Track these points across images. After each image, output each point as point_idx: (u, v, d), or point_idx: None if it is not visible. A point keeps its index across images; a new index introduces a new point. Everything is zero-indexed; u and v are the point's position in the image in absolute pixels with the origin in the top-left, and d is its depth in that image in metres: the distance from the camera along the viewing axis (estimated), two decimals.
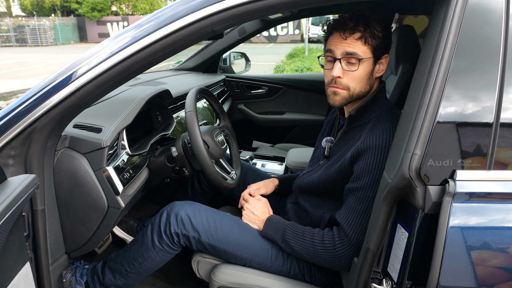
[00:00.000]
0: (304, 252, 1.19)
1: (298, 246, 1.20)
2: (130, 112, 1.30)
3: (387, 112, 1.16)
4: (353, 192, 1.13)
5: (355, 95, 1.17)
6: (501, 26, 0.81)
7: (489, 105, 0.80)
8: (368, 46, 1.11)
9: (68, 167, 1.13)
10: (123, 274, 1.36)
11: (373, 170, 1.08)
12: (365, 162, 1.10)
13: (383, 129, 1.11)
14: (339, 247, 1.12)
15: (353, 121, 1.23)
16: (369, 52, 1.12)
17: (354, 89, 1.15)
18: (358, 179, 1.11)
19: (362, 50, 1.11)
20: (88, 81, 0.97)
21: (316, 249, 1.16)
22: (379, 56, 1.14)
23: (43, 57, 17.09)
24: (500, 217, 0.79)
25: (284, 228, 1.25)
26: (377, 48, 1.12)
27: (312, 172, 1.36)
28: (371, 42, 1.11)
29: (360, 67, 1.12)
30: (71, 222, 1.17)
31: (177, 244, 1.31)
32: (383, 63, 1.16)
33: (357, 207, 1.11)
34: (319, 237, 1.17)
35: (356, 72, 1.13)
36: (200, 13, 0.92)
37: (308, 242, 1.18)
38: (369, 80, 1.16)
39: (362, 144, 1.12)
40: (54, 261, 1.13)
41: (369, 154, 1.10)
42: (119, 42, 0.97)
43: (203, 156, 1.32)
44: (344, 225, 1.12)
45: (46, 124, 0.98)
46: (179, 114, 1.87)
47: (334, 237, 1.14)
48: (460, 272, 0.78)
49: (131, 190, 1.27)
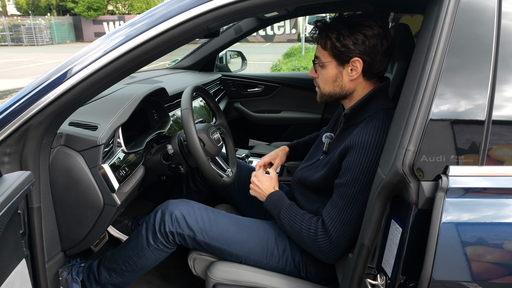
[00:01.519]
0: (293, 234, 1.22)
1: (289, 227, 1.23)
2: (126, 110, 1.30)
3: (382, 111, 1.17)
4: (337, 187, 1.15)
5: (327, 95, 1.24)
6: (493, 24, 0.82)
7: (481, 103, 0.81)
8: (328, 51, 1.17)
9: (64, 165, 1.13)
10: (118, 273, 1.36)
11: (356, 168, 1.10)
12: (349, 159, 1.12)
13: (372, 128, 1.12)
14: (320, 238, 1.14)
15: (349, 119, 1.24)
16: (328, 57, 1.17)
17: (324, 89, 1.23)
18: (342, 176, 1.14)
19: (322, 55, 1.19)
20: (83, 79, 0.97)
21: (302, 234, 1.19)
22: (345, 60, 1.15)
23: (38, 56, 17.02)
24: (492, 212, 0.80)
25: (282, 206, 1.27)
26: (339, 53, 1.14)
27: (310, 167, 1.36)
28: (330, 48, 1.16)
29: (323, 70, 1.20)
30: (67, 220, 1.17)
31: (172, 242, 1.32)
32: (355, 66, 1.15)
33: (338, 203, 1.13)
34: (307, 223, 1.19)
35: (321, 74, 1.22)
36: (195, 11, 0.92)
37: (297, 226, 1.21)
38: (337, 82, 1.20)
39: (350, 141, 1.14)
40: (50, 259, 1.13)
41: (354, 151, 1.11)
42: (115, 39, 0.98)
43: (199, 153, 1.33)
44: (325, 219, 1.14)
45: (41, 121, 0.99)
46: (175, 113, 1.87)
47: (317, 228, 1.16)
48: (452, 266, 0.79)
49: (127, 188, 1.27)
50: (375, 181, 0.92)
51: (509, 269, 0.79)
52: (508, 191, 0.81)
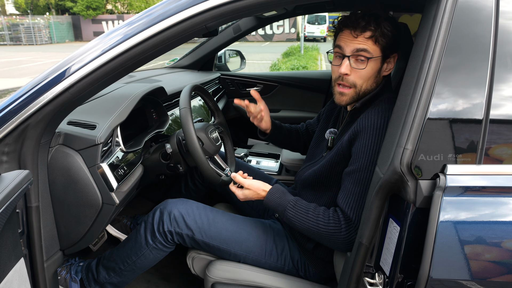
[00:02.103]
0: (307, 231, 1.15)
1: (301, 225, 1.15)
2: (124, 109, 1.30)
3: (386, 98, 1.16)
4: (350, 174, 1.10)
5: (361, 93, 1.18)
6: (491, 23, 0.82)
7: (479, 102, 0.81)
8: (378, 45, 1.12)
9: (62, 164, 1.13)
10: (117, 272, 1.36)
11: (369, 151, 1.07)
12: (360, 143, 1.09)
13: (378, 110, 1.10)
14: (344, 231, 1.08)
15: (356, 112, 1.22)
16: (378, 51, 1.13)
17: (361, 86, 1.16)
18: (354, 161, 1.10)
19: (372, 49, 1.12)
20: (82, 78, 0.97)
21: (320, 230, 1.11)
22: (388, 55, 1.15)
23: (37, 55, 16.99)
24: (490, 210, 0.80)
25: (287, 204, 1.19)
26: (386, 47, 1.13)
27: (314, 165, 1.35)
28: (381, 42, 1.12)
29: (368, 66, 1.13)
30: (65, 219, 1.17)
31: (170, 242, 1.32)
32: (391, 62, 1.17)
33: (355, 190, 1.08)
34: (325, 218, 1.11)
35: (364, 71, 1.14)
36: (193, 10, 0.92)
37: (312, 222, 1.13)
38: (376, 78, 1.17)
39: (358, 125, 1.11)
40: (49, 258, 1.13)
41: (364, 134, 1.08)
42: (113, 38, 0.97)
43: (197, 152, 1.33)
44: (346, 209, 1.08)
45: (39, 120, 0.98)
46: (174, 112, 1.87)
47: (340, 221, 1.09)
48: (450, 265, 0.79)
49: (125, 187, 1.27)
50: (373, 179, 0.92)
51: (507, 267, 0.79)
52: (505, 190, 0.81)
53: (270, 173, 2.00)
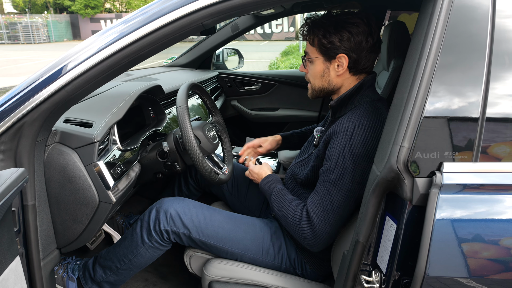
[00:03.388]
0: (281, 218, 1.24)
1: (278, 211, 1.26)
2: (121, 107, 1.30)
3: (367, 102, 1.19)
4: (320, 174, 1.17)
5: (316, 90, 1.28)
6: (488, 22, 0.82)
7: (475, 100, 0.81)
8: (316, 48, 1.21)
9: (59, 162, 1.12)
10: (113, 271, 1.36)
11: (336, 153, 1.12)
12: (331, 146, 1.14)
13: (354, 115, 1.14)
14: (303, 225, 1.15)
15: (336, 111, 1.26)
16: (316, 53, 1.21)
17: (314, 84, 1.27)
18: (325, 163, 1.16)
19: (310, 51, 1.24)
20: (78, 75, 0.97)
21: (288, 219, 1.20)
22: (331, 56, 1.18)
23: (35, 54, 16.95)
24: (486, 208, 0.80)
25: (274, 189, 1.31)
26: (325, 49, 1.18)
27: (303, 162, 1.38)
28: (317, 44, 1.19)
29: (312, 65, 1.24)
30: (62, 217, 1.17)
31: (166, 240, 1.32)
32: (341, 62, 1.18)
33: (321, 189, 1.14)
34: (293, 209, 1.20)
35: (310, 69, 1.26)
36: (189, 7, 0.92)
37: (284, 210, 1.23)
38: (325, 77, 1.23)
39: (332, 129, 1.16)
40: (46, 256, 1.12)
41: (335, 138, 1.14)
42: (109, 36, 0.97)
43: (195, 151, 1.33)
44: (308, 206, 1.16)
45: (36, 118, 0.98)
46: (171, 110, 1.86)
47: (302, 214, 1.17)
48: (446, 263, 0.79)
49: (122, 185, 1.27)
50: (370, 177, 0.92)
51: (503, 265, 0.79)
52: (502, 187, 0.81)
53: None
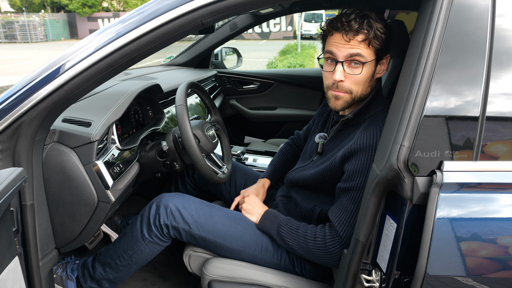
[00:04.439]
0: (297, 247, 1.20)
1: (292, 241, 1.21)
2: (120, 106, 1.29)
3: (382, 111, 1.15)
4: (346, 192, 1.12)
5: (357, 98, 1.15)
6: (488, 21, 0.82)
7: (475, 99, 0.81)
8: (372, 48, 1.08)
9: (57, 162, 1.12)
10: (113, 268, 1.35)
11: (367, 171, 1.08)
12: (358, 162, 1.09)
13: (376, 129, 1.10)
14: (329, 244, 1.13)
15: (349, 121, 1.22)
16: (372, 54, 1.09)
17: (357, 92, 1.13)
18: (351, 179, 1.11)
19: (366, 53, 1.08)
20: (76, 74, 0.96)
21: (308, 245, 1.17)
22: (381, 57, 1.12)
23: (33, 53, 16.89)
24: (486, 207, 0.80)
25: (280, 222, 1.26)
26: (379, 49, 1.10)
27: (304, 168, 1.36)
28: (374, 44, 1.08)
29: (363, 70, 1.09)
30: (60, 217, 1.16)
31: (166, 236, 1.31)
32: (384, 63, 1.15)
33: (350, 207, 1.11)
34: (312, 233, 1.18)
35: (359, 76, 1.10)
36: (189, 6, 0.92)
37: (301, 238, 1.19)
38: (371, 82, 1.14)
39: (355, 144, 1.11)
40: (44, 256, 1.12)
41: (363, 154, 1.09)
42: (108, 34, 0.97)
43: (194, 150, 1.32)
44: (335, 223, 1.12)
45: (34, 117, 0.97)
46: (170, 109, 1.86)
47: (325, 235, 1.14)
48: (447, 262, 0.79)
49: (121, 185, 1.26)
50: (370, 176, 0.92)
51: (503, 263, 0.79)
52: (502, 186, 0.81)
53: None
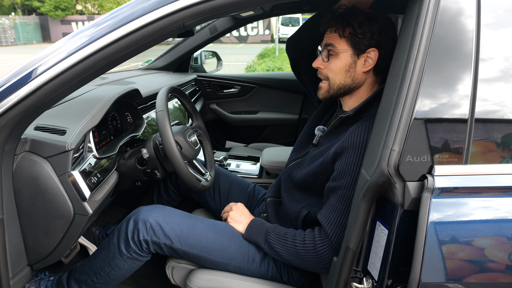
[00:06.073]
0: (286, 253, 1.17)
1: (280, 247, 1.18)
2: (96, 113, 1.23)
3: (375, 112, 1.14)
4: (334, 191, 1.11)
5: (336, 86, 1.19)
6: (474, 23, 0.82)
7: (464, 101, 0.81)
8: (346, 39, 1.14)
9: (29, 173, 1.05)
10: (90, 285, 1.28)
11: (355, 169, 1.07)
12: (346, 161, 1.09)
13: (369, 127, 1.10)
14: (319, 247, 1.10)
15: (347, 119, 1.21)
16: (345, 45, 1.14)
17: (334, 80, 1.18)
18: (340, 178, 1.10)
19: (337, 42, 1.15)
20: (50, 79, 0.91)
21: (298, 249, 1.14)
22: (362, 49, 1.14)
23: (3, 57, 16.30)
24: (479, 210, 0.80)
25: (267, 229, 1.24)
26: (357, 40, 1.13)
27: (300, 161, 1.34)
28: (347, 36, 1.13)
29: (336, 59, 1.16)
30: (33, 232, 1.09)
31: (145, 251, 1.25)
32: (370, 57, 1.15)
33: (339, 207, 1.09)
34: (301, 237, 1.15)
35: (333, 64, 1.17)
36: (171, 7, 0.88)
37: (290, 243, 1.16)
38: (350, 73, 1.17)
39: (345, 141, 1.11)
40: (15, 275, 1.05)
41: (351, 152, 1.09)
42: (85, 37, 0.91)
43: (176, 157, 1.27)
44: (325, 224, 1.10)
45: (3, 126, 0.91)
46: (150, 115, 1.80)
47: (315, 237, 1.12)
48: (441, 268, 0.77)
49: (99, 195, 1.20)
50: (359, 182, 0.90)
51: (499, 268, 0.78)
52: (493, 190, 0.80)
53: (251, 176, 1.96)
